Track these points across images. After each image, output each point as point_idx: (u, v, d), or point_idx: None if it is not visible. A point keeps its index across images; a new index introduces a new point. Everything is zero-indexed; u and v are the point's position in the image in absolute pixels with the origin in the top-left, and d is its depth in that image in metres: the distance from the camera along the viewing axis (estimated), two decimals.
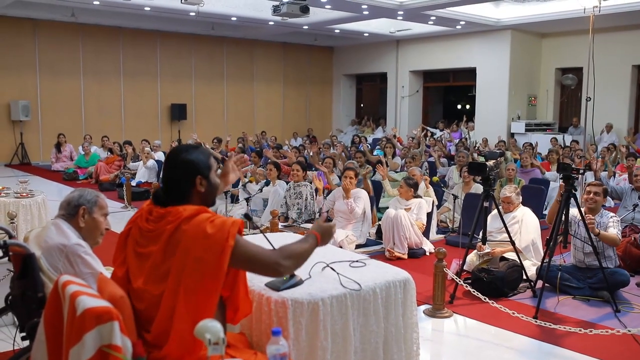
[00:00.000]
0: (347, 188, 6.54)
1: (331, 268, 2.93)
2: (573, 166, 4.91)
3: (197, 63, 17.29)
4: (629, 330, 3.96)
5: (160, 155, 11.97)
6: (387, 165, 9.78)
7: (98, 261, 2.76)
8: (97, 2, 12.30)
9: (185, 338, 2.14)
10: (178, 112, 16.72)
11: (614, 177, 9.44)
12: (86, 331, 1.99)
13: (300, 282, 2.74)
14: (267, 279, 2.73)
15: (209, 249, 2.17)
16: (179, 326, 2.15)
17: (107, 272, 2.80)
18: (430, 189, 7.45)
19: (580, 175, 5.12)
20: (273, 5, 11.19)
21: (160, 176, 10.42)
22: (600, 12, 7.80)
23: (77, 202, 2.83)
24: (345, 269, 2.96)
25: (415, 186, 6.86)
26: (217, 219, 2.23)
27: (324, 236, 2.49)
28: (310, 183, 7.55)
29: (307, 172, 8.88)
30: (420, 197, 6.88)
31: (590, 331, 3.96)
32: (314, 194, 7.48)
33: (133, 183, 10.35)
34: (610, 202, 8.55)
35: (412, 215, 6.56)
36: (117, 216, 7.87)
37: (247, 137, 14.09)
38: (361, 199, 6.59)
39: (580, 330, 4.01)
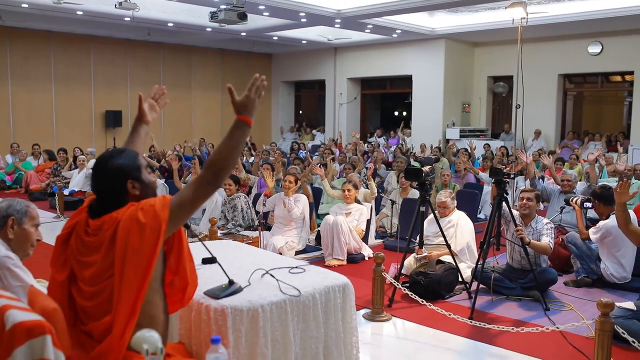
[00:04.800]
0: (287, 187, 6.62)
1: (270, 275, 2.94)
2: (504, 171, 5.11)
3: (132, 69, 16.91)
4: (558, 327, 4.13)
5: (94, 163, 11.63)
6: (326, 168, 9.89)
7: (28, 273, 2.66)
8: (26, 5, 11.86)
9: (126, 328, 2.12)
10: (113, 119, 16.29)
11: (542, 180, 9.82)
12: (16, 346, 1.93)
13: (239, 290, 2.73)
14: (206, 288, 2.71)
15: (146, 238, 2.16)
16: (121, 317, 2.13)
17: (39, 284, 2.71)
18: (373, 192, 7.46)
19: (511, 180, 5.32)
20: (210, 12, 11.09)
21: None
22: (528, 24, 8.13)
23: (6, 213, 2.72)
24: (284, 276, 2.97)
25: (356, 187, 6.96)
26: (146, 204, 2.21)
27: (248, 109, 2.33)
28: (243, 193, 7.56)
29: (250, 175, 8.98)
30: (360, 203, 6.97)
31: (522, 329, 4.12)
32: (249, 202, 7.49)
33: (66, 192, 10.01)
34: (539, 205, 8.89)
35: (353, 221, 6.65)
36: (49, 226, 7.59)
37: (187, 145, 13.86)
38: (300, 203, 6.64)
39: (512, 329, 4.16)
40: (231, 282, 2.74)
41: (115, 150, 2.39)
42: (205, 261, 3.11)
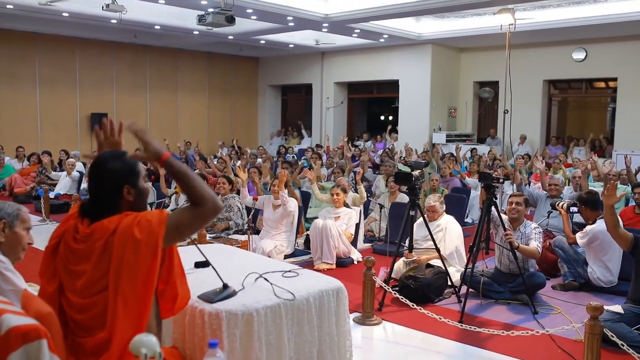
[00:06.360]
0: (275, 191, 6.58)
1: (264, 279, 2.93)
2: (493, 175, 5.15)
3: (118, 72, 16.78)
4: (547, 331, 4.17)
5: (80, 167, 11.54)
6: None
7: (20, 277, 2.63)
8: (11, 6, 11.73)
9: (127, 345, 2.08)
10: (99, 122, 16.10)
11: (529, 185, 9.89)
12: (11, 351, 1.90)
13: (233, 294, 2.72)
14: (200, 292, 2.70)
15: (141, 254, 2.13)
16: (121, 334, 2.10)
17: (30, 288, 2.68)
18: (363, 197, 7.47)
19: (500, 184, 5.36)
20: (198, 15, 11.03)
21: (85, 187, 10.16)
22: (516, 30, 8.20)
23: None
24: (278, 279, 2.96)
25: (345, 191, 6.97)
26: (142, 218, 2.17)
27: (157, 149, 2.24)
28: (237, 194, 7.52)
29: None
30: (349, 206, 6.98)
31: (512, 333, 4.15)
32: (241, 205, 7.46)
33: (51, 195, 9.90)
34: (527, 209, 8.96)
35: (342, 225, 6.65)
36: (35, 230, 7.50)
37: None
38: (292, 202, 6.64)
39: (502, 332, 4.19)
40: (225, 286, 2.73)
41: (116, 153, 2.36)
42: (198, 265, 3.10)
